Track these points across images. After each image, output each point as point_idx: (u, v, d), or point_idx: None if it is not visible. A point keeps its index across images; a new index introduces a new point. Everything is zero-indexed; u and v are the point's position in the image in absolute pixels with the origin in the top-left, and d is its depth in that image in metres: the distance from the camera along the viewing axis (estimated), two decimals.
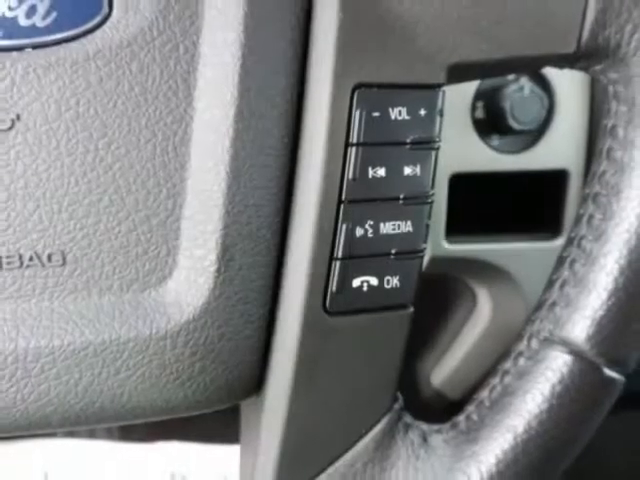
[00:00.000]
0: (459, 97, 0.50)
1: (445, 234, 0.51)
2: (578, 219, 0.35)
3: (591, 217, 0.35)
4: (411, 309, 0.34)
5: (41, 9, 0.28)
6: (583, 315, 0.34)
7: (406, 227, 0.33)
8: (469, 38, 0.31)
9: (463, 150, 0.51)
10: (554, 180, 0.53)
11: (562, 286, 0.35)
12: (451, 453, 0.35)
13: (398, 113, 0.31)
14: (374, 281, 0.33)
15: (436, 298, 0.60)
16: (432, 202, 0.33)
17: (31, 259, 0.29)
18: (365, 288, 0.33)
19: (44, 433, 0.36)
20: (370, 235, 0.32)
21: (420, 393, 0.62)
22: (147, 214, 0.30)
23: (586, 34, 0.32)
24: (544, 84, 0.52)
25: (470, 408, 0.36)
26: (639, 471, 0.89)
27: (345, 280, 0.32)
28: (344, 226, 0.31)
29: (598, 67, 0.34)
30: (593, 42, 0.32)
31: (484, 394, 0.36)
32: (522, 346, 0.36)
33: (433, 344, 0.62)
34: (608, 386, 0.35)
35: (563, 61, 0.34)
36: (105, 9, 0.28)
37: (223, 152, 0.30)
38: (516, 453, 0.34)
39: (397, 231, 0.32)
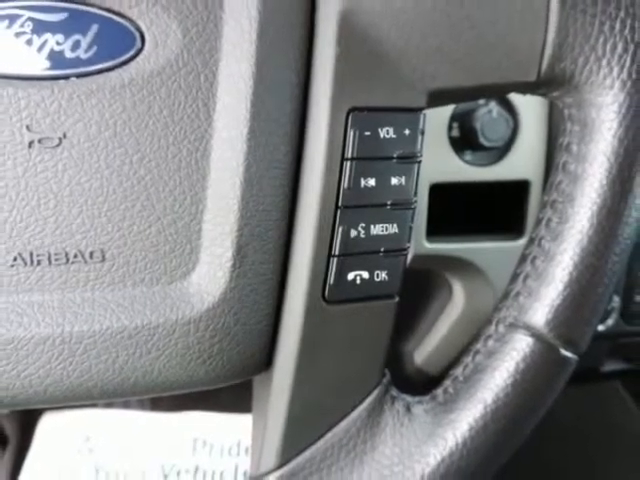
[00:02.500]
0: (438, 118, 0.50)
1: (426, 235, 0.51)
2: (538, 222, 0.35)
3: (549, 220, 0.34)
4: (397, 299, 0.34)
5: (84, 44, 0.28)
6: (543, 304, 0.34)
7: (393, 229, 0.33)
8: (446, 69, 0.31)
9: (441, 164, 0.51)
10: (518, 189, 0.53)
11: (525, 279, 0.35)
12: (431, 421, 0.35)
13: (386, 132, 0.31)
14: (366, 275, 0.33)
15: (418, 289, 0.60)
16: (415, 208, 0.33)
17: (75, 256, 0.29)
18: (358, 281, 0.32)
19: (86, 404, 0.36)
20: (362, 236, 0.32)
21: (405, 370, 0.62)
22: (174, 218, 0.30)
23: (545, 65, 0.32)
24: (509, 107, 0.52)
25: (447, 383, 0.36)
26: (585, 430, 0.91)
27: (341, 274, 0.32)
28: (340, 228, 0.31)
29: (555, 93, 0.34)
30: (551, 72, 0.32)
31: (458, 371, 0.36)
32: (491, 330, 0.36)
33: (415, 328, 0.62)
34: (564, 364, 0.35)
35: (526, 88, 0.34)
36: (138, 44, 0.28)
37: (238, 165, 0.30)
38: (486, 421, 0.34)
39: (385, 232, 0.32)
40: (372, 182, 0.31)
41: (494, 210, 0.54)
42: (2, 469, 0.68)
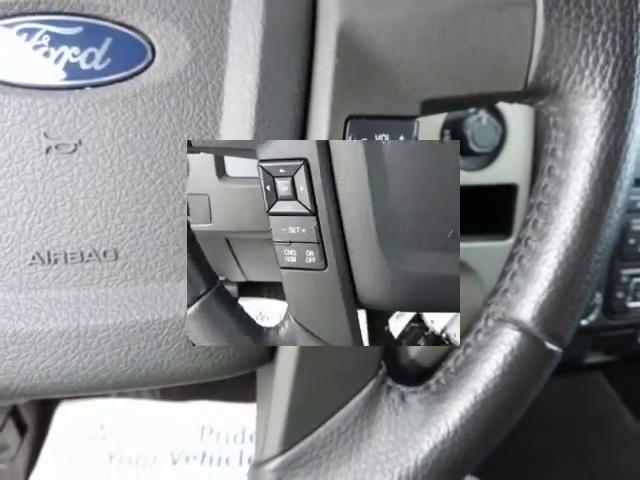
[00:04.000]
0: (430, 126, 0.50)
1: None
2: (525, 223, 0.35)
3: (535, 222, 0.34)
4: None
5: (98, 56, 0.28)
6: (529, 300, 0.34)
7: None
8: (438, 80, 0.31)
9: None
10: (506, 192, 0.53)
11: (512, 277, 0.35)
12: (424, 410, 0.35)
13: (382, 139, 0.31)
14: None
15: None
16: None
17: (90, 255, 0.29)
18: None
19: (101, 394, 0.36)
20: None
21: (400, 362, 0.62)
22: (182, 220, 0.30)
23: (531, 76, 0.32)
24: (498, 116, 0.52)
25: (439, 374, 0.36)
26: (569, 418, 0.91)
27: None
28: None
29: (541, 102, 0.34)
30: (537, 82, 0.32)
31: (450, 363, 0.36)
32: (481, 324, 0.36)
33: None
34: (549, 356, 0.35)
35: (513, 97, 0.34)
36: (149, 56, 0.28)
37: None
38: (476, 410, 0.34)
39: None
40: None
41: (484, 212, 0.54)
42: (22, 455, 0.68)
